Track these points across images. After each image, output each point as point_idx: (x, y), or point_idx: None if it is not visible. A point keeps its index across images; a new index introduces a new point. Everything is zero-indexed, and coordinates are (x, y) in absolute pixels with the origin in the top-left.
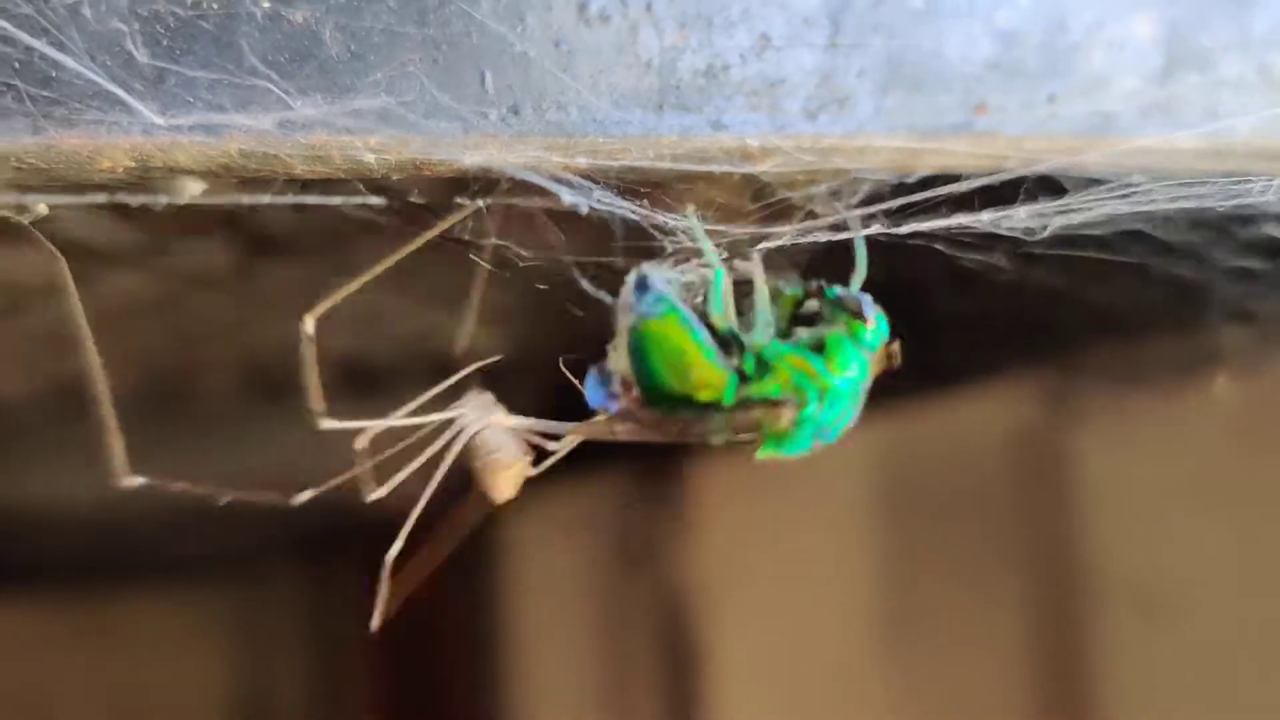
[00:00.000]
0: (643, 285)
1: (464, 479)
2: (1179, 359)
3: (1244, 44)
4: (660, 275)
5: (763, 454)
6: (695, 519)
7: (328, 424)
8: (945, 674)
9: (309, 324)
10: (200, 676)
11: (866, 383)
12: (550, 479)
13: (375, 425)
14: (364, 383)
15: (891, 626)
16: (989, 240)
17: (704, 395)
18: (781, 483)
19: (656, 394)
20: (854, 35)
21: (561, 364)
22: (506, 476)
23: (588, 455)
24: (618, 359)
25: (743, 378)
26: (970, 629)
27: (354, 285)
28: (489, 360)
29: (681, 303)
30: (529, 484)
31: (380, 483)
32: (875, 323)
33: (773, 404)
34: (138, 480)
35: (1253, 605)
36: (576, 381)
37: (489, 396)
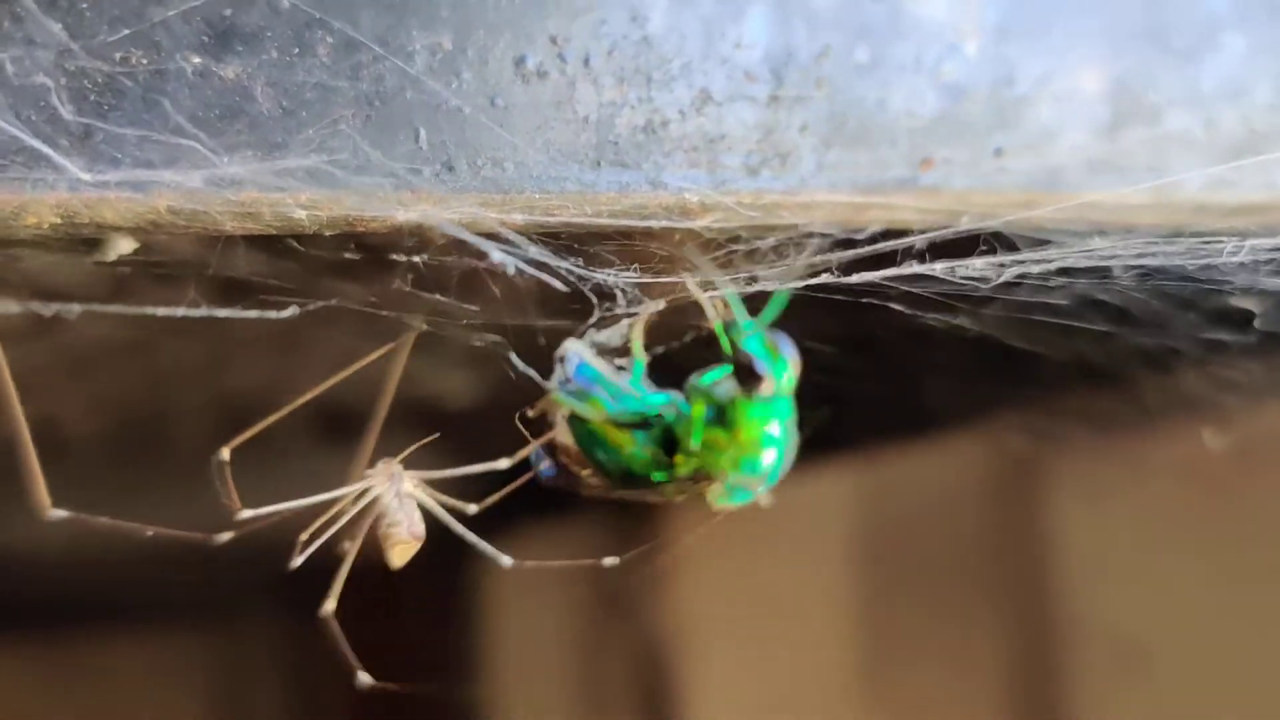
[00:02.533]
0: (568, 363)
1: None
2: (1149, 408)
3: (1191, 99)
4: (581, 353)
5: (718, 504)
6: (673, 566)
7: (248, 513)
8: (923, 713)
9: (225, 453)
10: (176, 714)
11: (791, 418)
12: (522, 521)
13: (293, 506)
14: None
15: (869, 674)
16: (947, 299)
17: (639, 468)
18: (759, 529)
19: (601, 465)
20: (797, 89)
21: (518, 420)
22: (399, 549)
23: (565, 503)
24: (561, 432)
25: (668, 451)
26: (948, 676)
27: (278, 415)
28: (428, 439)
29: (606, 376)
30: (505, 523)
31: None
32: (770, 384)
33: (698, 478)
34: (60, 513)
35: (1225, 651)
36: (528, 434)
37: (398, 465)
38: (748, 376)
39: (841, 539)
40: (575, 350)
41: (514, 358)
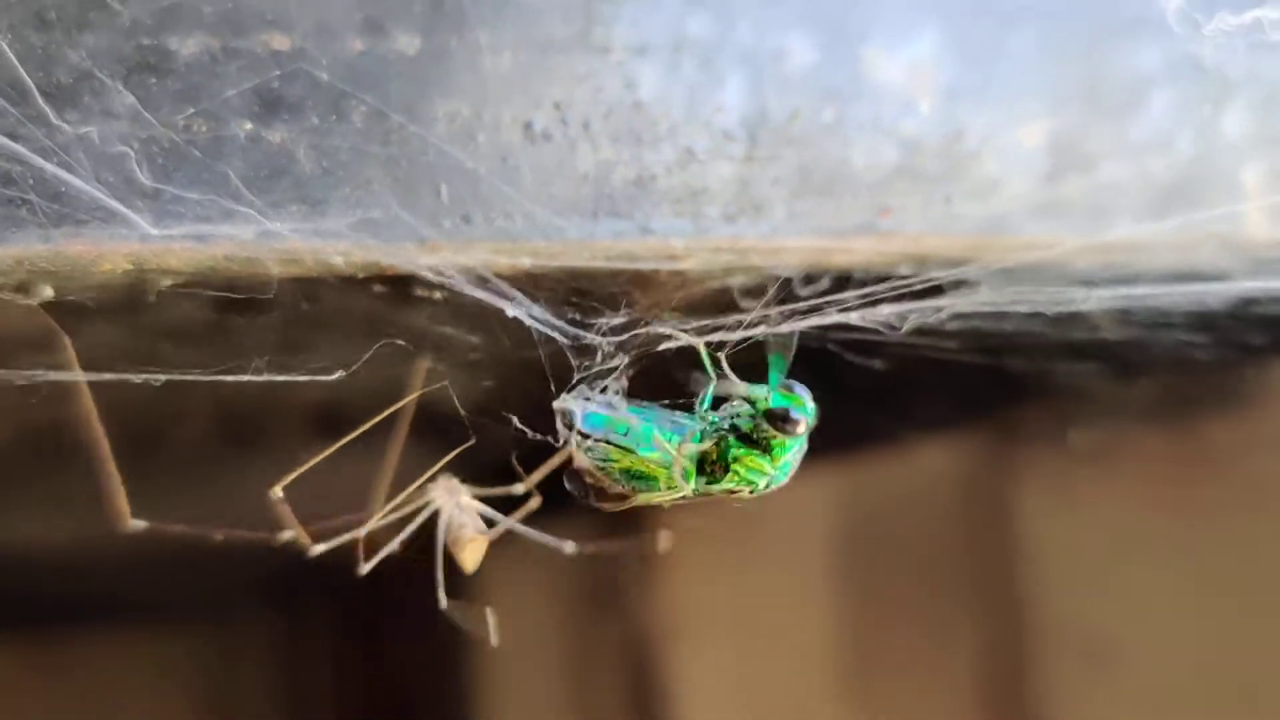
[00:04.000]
0: (574, 419)
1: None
2: (1114, 418)
3: (1123, 150)
4: (580, 405)
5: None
6: (661, 564)
7: (319, 548)
8: (901, 712)
9: (278, 491)
10: (171, 714)
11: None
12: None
13: (370, 526)
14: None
15: (850, 668)
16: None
17: (665, 484)
18: (745, 529)
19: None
20: (769, 148)
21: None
22: (470, 550)
23: (555, 502)
24: (580, 459)
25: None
26: (924, 670)
27: (323, 455)
28: (463, 446)
29: (616, 417)
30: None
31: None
32: (804, 423)
33: (731, 492)
34: (140, 524)
35: (1190, 650)
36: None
37: (455, 481)
38: (782, 421)
39: (823, 543)
40: (573, 405)
41: (516, 420)
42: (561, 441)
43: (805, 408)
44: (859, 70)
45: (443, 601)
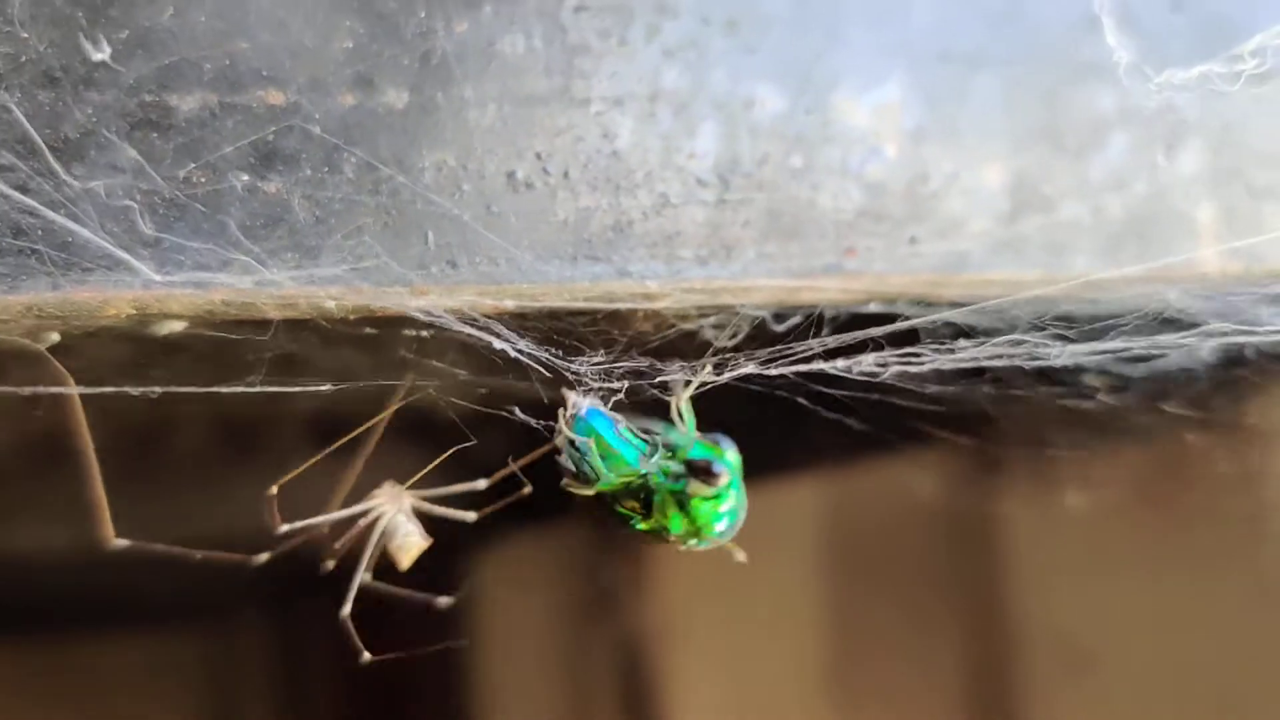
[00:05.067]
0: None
1: None
2: (1093, 433)
3: (1081, 190)
4: (588, 400)
5: (685, 547)
6: (652, 569)
7: (285, 528)
8: (888, 716)
9: (273, 490)
10: (168, 715)
11: (739, 487)
12: (510, 529)
13: (321, 521)
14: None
15: (838, 673)
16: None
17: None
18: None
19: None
20: (740, 192)
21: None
22: (409, 555)
23: (548, 508)
24: (566, 462)
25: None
26: (911, 674)
27: (315, 459)
28: (441, 458)
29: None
30: (495, 531)
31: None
32: (725, 476)
33: (663, 536)
34: (123, 543)
35: (1169, 662)
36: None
37: (399, 488)
38: (703, 473)
39: (811, 547)
40: (579, 398)
41: (517, 411)
42: (556, 432)
43: (725, 458)
44: (827, 116)
45: (345, 610)
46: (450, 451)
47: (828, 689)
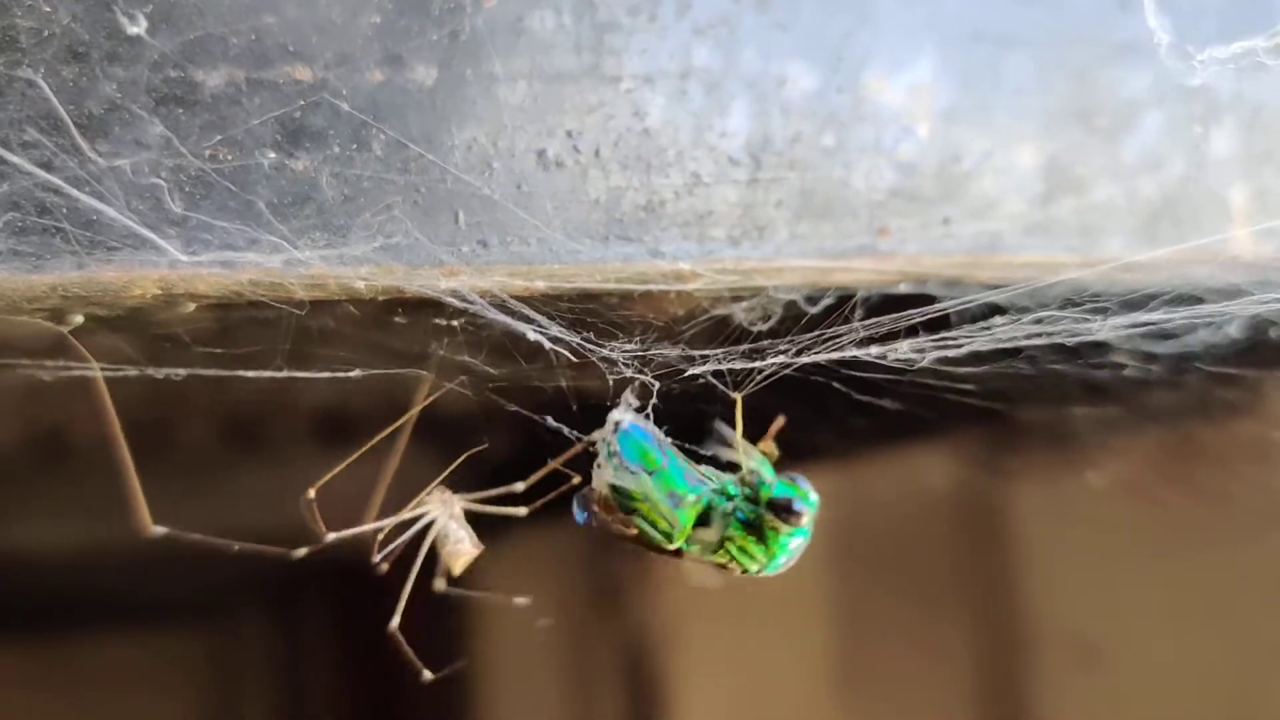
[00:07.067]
0: (620, 430)
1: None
2: (1107, 426)
3: (1114, 172)
4: (631, 415)
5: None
6: (658, 566)
7: (334, 536)
8: (896, 713)
9: (311, 493)
10: (166, 715)
11: (806, 534)
12: (517, 526)
13: (370, 528)
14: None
15: (846, 669)
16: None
17: (669, 536)
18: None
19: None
20: (772, 171)
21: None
22: (459, 561)
23: (553, 504)
24: (599, 481)
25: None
26: (921, 670)
27: (350, 460)
28: (469, 453)
29: (654, 447)
30: (499, 528)
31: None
32: (806, 515)
33: (723, 565)
34: (161, 530)
35: (1181, 658)
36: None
37: (449, 493)
38: (784, 511)
39: (820, 541)
40: (623, 415)
41: (548, 420)
42: (596, 448)
43: (809, 499)
44: (859, 95)
45: (394, 622)
46: (478, 448)
47: (834, 691)
